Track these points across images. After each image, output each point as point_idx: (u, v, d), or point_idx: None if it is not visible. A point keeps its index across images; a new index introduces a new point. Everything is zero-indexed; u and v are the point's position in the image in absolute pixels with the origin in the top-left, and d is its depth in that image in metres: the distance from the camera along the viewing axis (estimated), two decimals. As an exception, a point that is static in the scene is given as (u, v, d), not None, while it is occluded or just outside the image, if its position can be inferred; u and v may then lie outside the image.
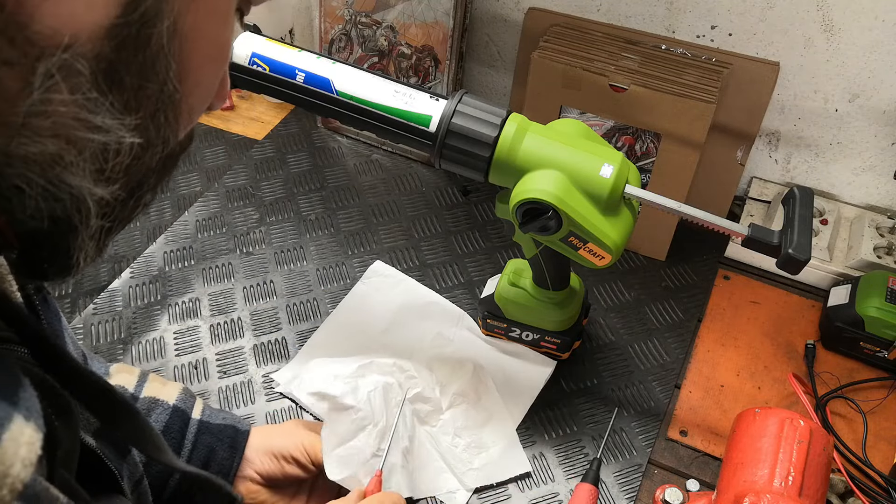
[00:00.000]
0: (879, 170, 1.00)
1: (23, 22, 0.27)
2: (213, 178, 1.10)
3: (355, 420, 0.71)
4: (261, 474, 0.68)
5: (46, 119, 0.29)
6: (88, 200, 0.31)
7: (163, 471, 0.63)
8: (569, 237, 0.68)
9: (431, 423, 0.79)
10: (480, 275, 0.97)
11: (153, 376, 0.69)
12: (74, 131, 0.29)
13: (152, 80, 0.32)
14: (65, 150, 0.30)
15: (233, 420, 0.70)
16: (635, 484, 0.77)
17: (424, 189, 1.10)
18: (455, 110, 0.67)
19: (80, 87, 0.29)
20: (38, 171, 0.29)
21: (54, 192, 0.30)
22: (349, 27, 1.10)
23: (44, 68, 0.28)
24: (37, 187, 0.30)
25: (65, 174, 0.30)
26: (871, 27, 0.89)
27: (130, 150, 0.32)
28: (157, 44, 0.31)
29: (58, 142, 0.29)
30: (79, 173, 0.30)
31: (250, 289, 0.94)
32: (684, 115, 0.88)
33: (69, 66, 0.28)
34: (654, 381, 0.87)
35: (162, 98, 0.33)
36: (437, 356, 0.85)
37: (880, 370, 0.88)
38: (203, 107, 0.38)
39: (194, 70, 0.34)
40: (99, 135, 0.30)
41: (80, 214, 0.32)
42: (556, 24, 1.00)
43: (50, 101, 0.28)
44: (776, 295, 0.97)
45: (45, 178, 0.30)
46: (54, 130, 0.29)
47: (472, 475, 0.76)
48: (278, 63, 0.69)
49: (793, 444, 0.62)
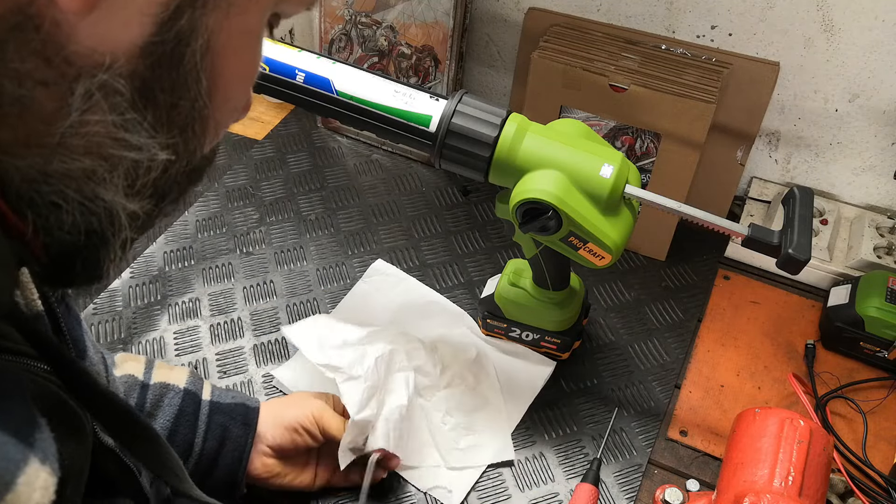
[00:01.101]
0: (879, 170, 1.00)
1: (60, 42, 0.27)
2: (213, 178, 1.10)
3: (364, 389, 0.72)
4: (273, 447, 0.69)
5: (82, 138, 0.29)
6: (122, 214, 0.32)
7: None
8: (569, 237, 0.68)
9: (427, 397, 0.81)
10: (480, 275, 0.97)
11: (159, 363, 0.70)
12: (109, 149, 0.30)
13: (185, 97, 0.32)
14: (99, 166, 0.30)
15: (242, 398, 0.71)
16: (635, 484, 0.77)
17: (424, 189, 1.10)
18: (455, 110, 0.67)
19: (119, 106, 0.29)
20: (74, 187, 0.30)
21: (90, 207, 0.31)
22: (349, 27, 1.09)
23: (83, 88, 0.28)
24: (73, 202, 0.30)
25: (99, 189, 0.31)
26: (871, 27, 0.89)
27: (161, 165, 0.32)
28: (191, 62, 0.31)
29: (93, 159, 0.30)
30: (111, 189, 0.31)
31: (250, 289, 0.94)
32: (684, 115, 0.88)
33: (109, 85, 0.29)
34: (654, 381, 0.87)
35: (192, 114, 0.33)
36: (442, 337, 0.86)
37: (880, 370, 0.88)
38: (230, 122, 0.38)
39: (224, 86, 0.34)
40: (133, 153, 0.31)
41: (112, 227, 0.32)
42: (556, 24, 1.00)
43: (87, 122, 0.29)
44: (776, 295, 0.97)
45: (80, 194, 0.30)
46: (89, 149, 0.29)
47: (456, 455, 0.77)
48: (278, 63, 0.69)
49: (793, 444, 0.62)
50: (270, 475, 0.69)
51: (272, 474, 0.69)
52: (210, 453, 0.67)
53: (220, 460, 0.67)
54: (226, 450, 0.67)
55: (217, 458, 0.67)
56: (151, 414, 0.65)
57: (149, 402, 0.66)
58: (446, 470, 0.76)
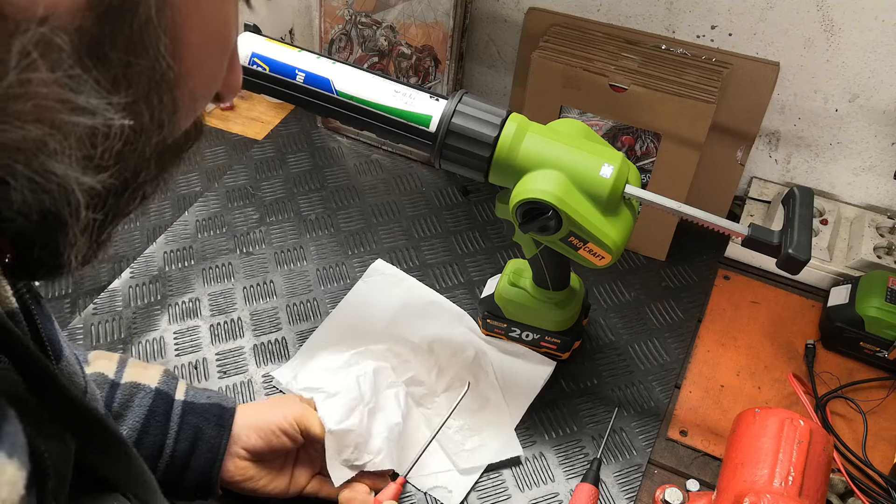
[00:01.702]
0: (879, 170, 1.00)
1: None
2: (213, 178, 1.10)
3: (344, 403, 0.73)
4: (248, 450, 0.68)
5: (27, 102, 0.26)
6: (77, 191, 0.29)
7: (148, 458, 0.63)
8: (569, 237, 0.68)
9: (427, 405, 0.81)
10: (480, 275, 0.97)
11: (133, 361, 0.68)
12: (58, 114, 0.27)
13: (141, 55, 0.29)
14: (49, 135, 0.27)
15: (218, 398, 0.70)
16: (635, 484, 0.77)
17: (424, 189, 1.10)
18: (455, 110, 0.67)
19: (61, 63, 0.26)
20: (23, 161, 0.27)
21: (41, 183, 0.27)
22: (349, 27, 1.09)
23: (19, 45, 0.25)
24: (22, 178, 0.27)
25: (50, 162, 0.27)
26: (871, 27, 0.89)
27: (121, 133, 0.29)
28: (145, 15, 0.28)
29: (41, 127, 0.27)
30: (65, 161, 0.28)
31: (250, 289, 0.94)
32: (684, 115, 0.88)
33: (47, 41, 0.26)
34: (654, 381, 0.87)
35: (154, 76, 0.30)
36: (440, 338, 0.86)
37: (880, 370, 0.88)
38: (208, 93, 0.35)
39: (193, 48, 0.31)
40: (84, 117, 0.28)
41: (69, 207, 0.29)
42: (556, 24, 1.00)
43: (29, 82, 0.26)
44: (776, 295, 0.97)
45: (29, 168, 0.27)
46: (36, 114, 0.26)
47: (464, 456, 0.77)
48: (278, 63, 0.69)
49: (793, 444, 0.62)
50: (244, 478, 0.68)
51: (245, 478, 0.68)
52: (182, 455, 0.65)
53: (193, 461, 0.66)
54: (199, 451, 0.66)
55: (189, 459, 0.66)
56: (120, 414, 0.64)
57: (117, 401, 0.64)
58: (448, 470, 0.76)
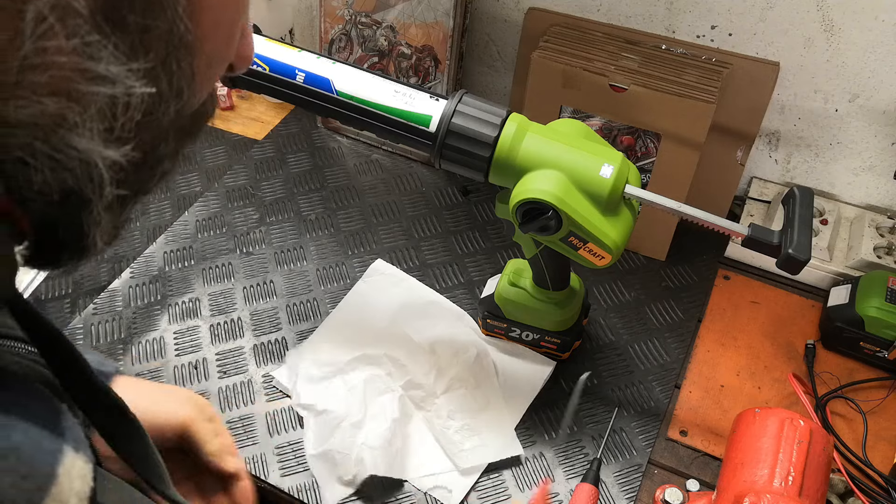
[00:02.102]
0: (879, 170, 1.00)
1: None
2: (213, 178, 1.10)
3: (327, 421, 0.76)
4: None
5: (44, 73, 0.25)
6: (101, 165, 0.27)
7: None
8: (569, 237, 0.68)
9: (426, 407, 0.81)
10: (480, 275, 0.97)
11: None
12: (76, 84, 0.26)
13: (159, 17, 0.28)
14: (67, 108, 0.26)
15: (98, 361, 0.60)
16: (635, 484, 0.77)
17: (424, 189, 1.10)
18: (455, 110, 0.67)
19: (79, 29, 0.25)
20: (42, 137, 0.25)
21: (61, 160, 0.26)
22: (349, 27, 1.09)
23: (35, 9, 0.24)
24: (42, 157, 0.26)
25: (70, 137, 0.26)
26: (871, 27, 0.89)
27: (141, 102, 0.28)
28: None
29: (58, 99, 0.25)
30: (86, 134, 0.26)
31: (250, 289, 0.94)
32: (684, 115, 0.88)
33: (64, 4, 0.24)
34: (654, 381, 0.87)
35: (172, 40, 0.29)
36: (441, 338, 0.87)
37: (880, 370, 0.88)
38: (223, 60, 0.34)
39: (209, 10, 0.30)
40: (105, 86, 0.26)
41: (92, 183, 0.28)
42: (556, 24, 1.00)
43: (45, 51, 0.24)
44: (776, 295, 0.97)
45: (49, 145, 0.26)
46: (53, 86, 0.25)
47: (464, 456, 0.77)
48: (278, 63, 0.69)
49: (793, 444, 0.62)
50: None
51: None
52: None
53: None
54: None
55: None
56: None
57: None
58: (449, 471, 0.76)
